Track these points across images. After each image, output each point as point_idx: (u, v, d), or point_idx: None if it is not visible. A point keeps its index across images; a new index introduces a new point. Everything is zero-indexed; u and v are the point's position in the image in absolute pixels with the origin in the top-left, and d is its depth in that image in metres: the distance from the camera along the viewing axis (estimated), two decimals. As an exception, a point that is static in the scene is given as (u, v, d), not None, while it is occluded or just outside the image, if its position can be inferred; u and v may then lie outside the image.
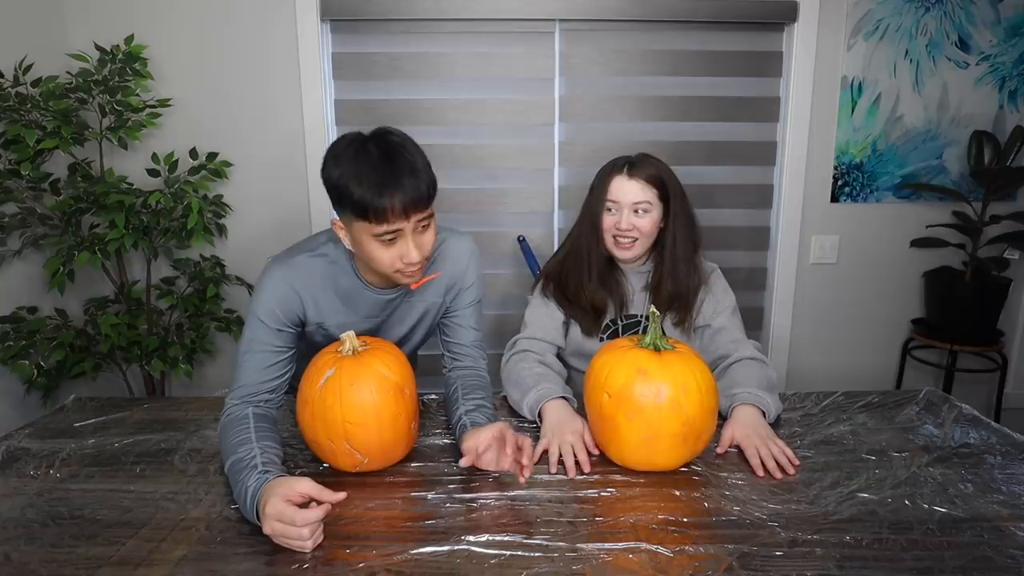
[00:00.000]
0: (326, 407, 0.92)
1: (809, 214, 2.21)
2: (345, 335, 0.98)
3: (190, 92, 2.02)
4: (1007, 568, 0.74)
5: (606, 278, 1.31)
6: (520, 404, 1.19)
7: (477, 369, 1.23)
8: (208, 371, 2.22)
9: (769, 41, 2.13)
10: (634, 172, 1.25)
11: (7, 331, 1.73)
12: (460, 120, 2.12)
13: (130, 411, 1.22)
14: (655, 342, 0.98)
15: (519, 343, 1.30)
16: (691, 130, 2.16)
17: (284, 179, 2.09)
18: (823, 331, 2.31)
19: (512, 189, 2.16)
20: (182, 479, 0.96)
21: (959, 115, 2.15)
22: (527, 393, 1.17)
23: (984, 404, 2.36)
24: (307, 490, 0.82)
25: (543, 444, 1.05)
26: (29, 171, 1.69)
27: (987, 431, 1.10)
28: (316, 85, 2.02)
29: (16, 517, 0.86)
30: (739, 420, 1.08)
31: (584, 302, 1.30)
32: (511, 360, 1.27)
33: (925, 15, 2.08)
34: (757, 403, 1.10)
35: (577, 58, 2.10)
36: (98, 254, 1.75)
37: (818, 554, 0.77)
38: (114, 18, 1.96)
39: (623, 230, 1.25)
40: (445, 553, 0.77)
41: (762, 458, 0.99)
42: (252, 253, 2.12)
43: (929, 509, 0.86)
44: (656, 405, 0.92)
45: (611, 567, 0.75)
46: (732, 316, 1.31)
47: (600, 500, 0.90)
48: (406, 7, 2.00)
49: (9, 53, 1.72)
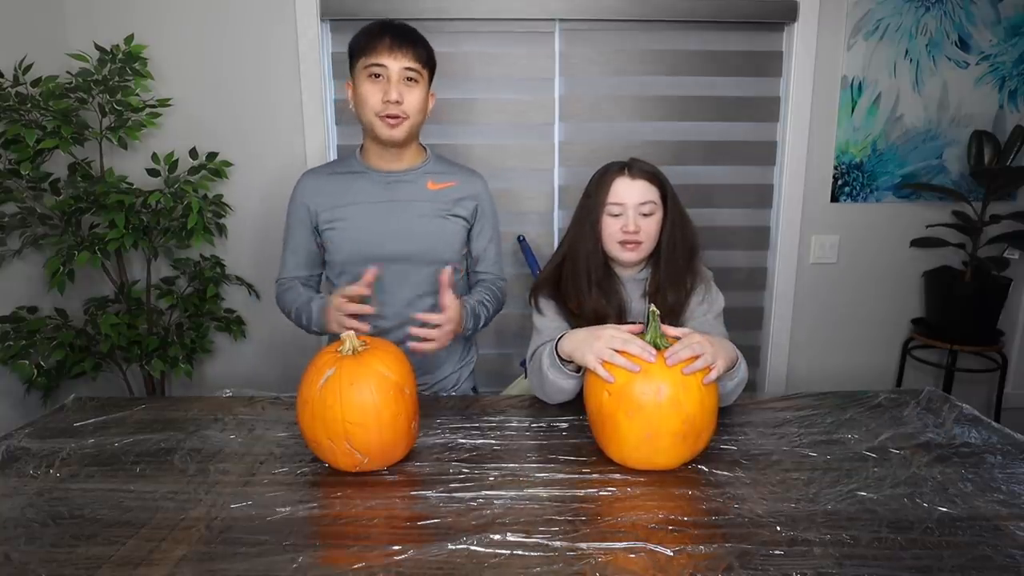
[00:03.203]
0: (326, 407, 0.92)
1: (809, 214, 2.21)
2: (345, 335, 0.98)
3: (190, 92, 2.02)
4: (1006, 567, 0.74)
5: (605, 285, 1.26)
6: (547, 372, 1.14)
7: (494, 279, 1.44)
8: (208, 371, 2.22)
9: (769, 41, 2.13)
10: (635, 173, 1.22)
11: (7, 331, 1.73)
12: (460, 120, 2.12)
13: (130, 411, 1.22)
14: (655, 341, 0.98)
15: (537, 351, 1.25)
16: (691, 130, 2.17)
17: (284, 179, 2.09)
18: (823, 331, 2.31)
19: (512, 189, 2.16)
20: (182, 479, 0.96)
21: (959, 115, 2.15)
22: (543, 359, 1.14)
23: (984, 404, 2.36)
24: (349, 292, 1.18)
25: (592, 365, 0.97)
26: (29, 171, 1.69)
27: (987, 431, 1.10)
28: (316, 85, 2.02)
29: (16, 517, 0.86)
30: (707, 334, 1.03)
31: (583, 309, 1.27)
32: (532, 366, 1.24)
33: (925, 15, 2.08)
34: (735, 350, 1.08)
35: (577, 58, 2.10)
36: (98, 254, 1.75)
37: (817, 553, 0.77)
38: (114, 18, 1.96)
39: (631, 232, 1.20)
40: (445, 553, 0.77)
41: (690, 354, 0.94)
42: (252, 253, 2.12)
43: (929, 508, 0.86)
44: (656, 403, 0.92)
45: (611, 567, 0.75)
46: (716, 320, 1.29)
47: (600, 500, 0.90)
48: (406, 7, 2.00)
49: (9, 53, 1.72)
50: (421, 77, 1.25)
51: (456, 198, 1.37)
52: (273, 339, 2.20)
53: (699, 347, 0.96)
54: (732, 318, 1.33)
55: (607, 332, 1.01)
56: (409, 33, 1.24)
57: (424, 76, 1.27)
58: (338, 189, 1.35)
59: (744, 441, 1.07)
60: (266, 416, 1.18)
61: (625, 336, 0.98)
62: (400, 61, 1.21)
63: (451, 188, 1.37)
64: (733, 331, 1.29)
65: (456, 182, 1.38)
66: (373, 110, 1.24)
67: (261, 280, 2.13)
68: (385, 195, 1.34)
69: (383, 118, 1.25)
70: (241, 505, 0.88)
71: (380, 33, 1.22)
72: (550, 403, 1.21)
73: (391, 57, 1.21)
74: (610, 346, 0.98)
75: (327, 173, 1.38)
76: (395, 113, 1.24)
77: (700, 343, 0.97)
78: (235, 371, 2.23)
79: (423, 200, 1.34)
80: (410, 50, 1.22)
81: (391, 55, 1.21)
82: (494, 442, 1.07)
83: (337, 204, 1.34)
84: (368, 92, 1.24)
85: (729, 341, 1.11)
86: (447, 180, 1.37)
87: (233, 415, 1.19)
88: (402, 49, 1.21)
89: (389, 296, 1.35)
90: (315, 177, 1.38)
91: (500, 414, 1.19)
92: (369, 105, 1.24)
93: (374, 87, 1.23)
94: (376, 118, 1.25)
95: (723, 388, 1.09)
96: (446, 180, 1.37)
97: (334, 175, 1.37)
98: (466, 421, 1.15)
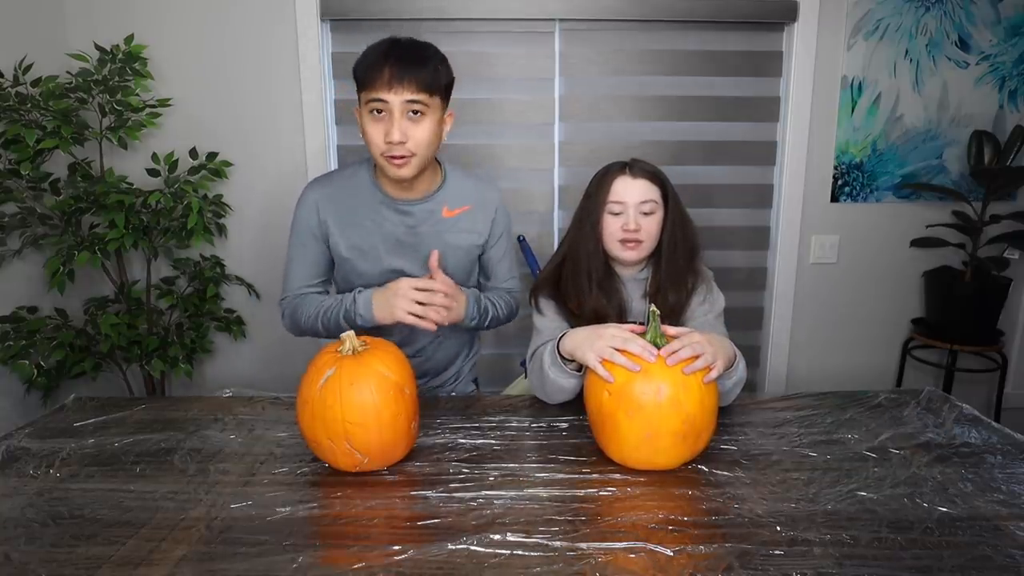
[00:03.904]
0: (326, 407, 0.92)
1: (809, 214, 2.21)
2: (345, 335, 0.98)
3: (190, 92, 2.02)
4: (1006, 567, 0.74)
5: (605, 285, 1.26)
6: (548, 371, 1.14)
7: (507, 291, 1.41)
8: (208, 371, 2.22)
9: (769, 41, 2.13)
10: (636, 172, 1.22)
11: (7, 331, 1.73)
12: (460, 120, 2.11)
13: (130, 411, 1.22)
14: (655, 341, 0.98)
15: (537, 350, 1.25)
16: (691, 130, 2.17)
17: (284, 179, 2.09)
18: (823, 331, 2.31)
19: (512, 189, 2.16)
20: (182, 479, 0.96)
21: (959, 115, 2.15)
22: (544, 357, 1.14)
23: (984, 404, 2.36)
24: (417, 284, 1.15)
25: (592, 364, 0.98)
26: (29, 171, 1.69)
27: (987, 431, 1.10)
28: (316, 85, 2.02)
29: (16, 517, 0.86)
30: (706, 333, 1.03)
31: (583, 309, 1.27)
32: (532, 366, 1.24)
33: (925, 15, 2.08)
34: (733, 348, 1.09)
35: (577, 58, 2.10)
36: (98, 254, 1.75)
37: (817, 553, 0.77)
38: (114, 18, 1.96)
39: (631, 231, 1.20)
40: (445, 553, 0.77)
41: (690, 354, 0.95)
42: (252, 253, 2.12)
43: (929, 508, 0.86)
44: (656, 403, 0.92)
45: (611, 567, 0.75)
46: (717, 320, 1.29)
47: (600, 500, 0.90)
48: (406, 7, 2.00)
49: (9, 53, 1.72)
50: (427, 107, 1.14)
51: (472, 221, 1.32)
52: (273, 339, 2.20)
53: (699, 346, 0.96)
54: (732, 318, 1.32)
55: (608, 331, 1.01)
56: (412, 59, 1.12)
57: (432, 104, 1.15)
58: (354, 212, 1.27)
59: (744, 441, 1.07)
60: (266, 416, 1.18)
61: (626, 335, 0.98)
62: (401, 95, 1.10)
63: (466, 212, 1.31)
64: (733, 331, 1.29)
65: (471, 205, 1.32)
66: (378, 150, 1.15)
67: (261, 280, 2.13)
68: (401, 225, 1.27)
69: (388, 158, 1.15)
70: (241, 505, 0.88)
71: (380, 64, 1.11)
72: (550, 403, 1.21)
73: (391, 92, 1.10)
74: (611, 345, 0.98)
75: (339, 189, 1.28)
76: (400, 153, 1.14)
77: (700, 343, 0.97)
78: (235, 371, 2.23)
79: (441, 231, 1.30)
80: (412, 81, 1.10)
81: (391, 90, 1.10)
82: (494, 442, 1.07)
83: (355, 232, 1.27)
84: (371, 131, 1.15)
85: (728, 340, 1.11)
86: (462, 205, 1.31)
87: (233, 415, 1.19)
88: (403, 82, 1.10)
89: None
90: (325, 192, 1.28)
91: (500, 414, 1.18)
92: (374, 144, 1.15)
93: (377, 126, 1.14)
94: (382, 158, 1.16)
95: (722, 387, 1.08)
96: (461, 205, 1.31)
97: (347, 192, 1.28)
98: (466, 421, 1.15)
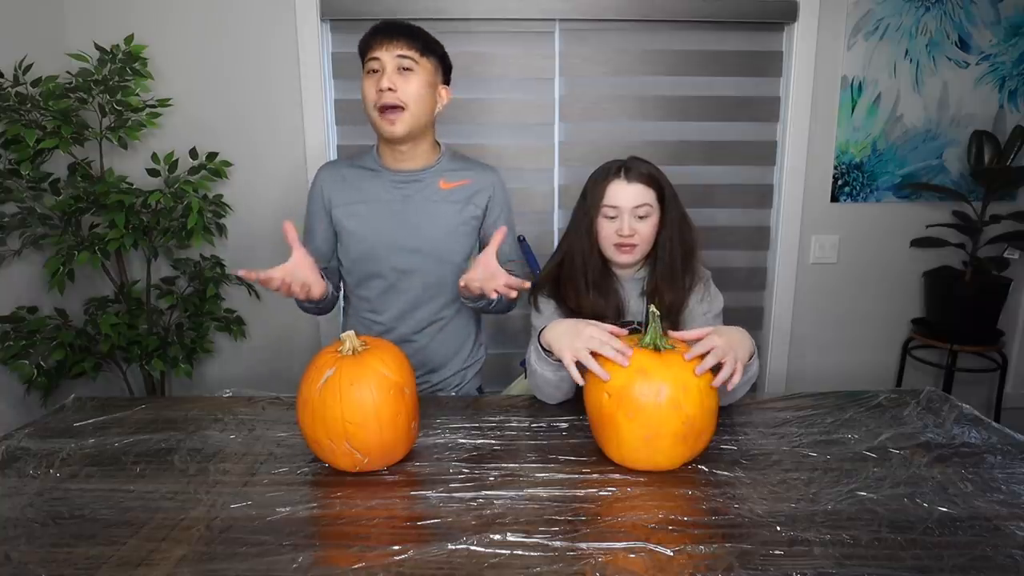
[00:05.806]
0: (326, 407, 0.92)
1: (809, 214, 2.21)
2: (345, 335, 0.98)
3: (190, 92, 2.02)
4: (1006, 567, 0.74)
5: (602, 285, 1.27)
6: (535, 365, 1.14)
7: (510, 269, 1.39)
8: (208, 371, 2.22)
9: (769, 41, 2.13)
10: (631, 176, 1.22)
11: (7, 331, 1.73)
12: (460, 120, 2.11)
13: (130, 411, 1.22)
14: (655, 342, 0.98)
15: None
16: (691, 130, 2.17)
17: (284, 179, 2.09)
18: (823, 331, 2.31)
19: (512, 189, 2.14)
20: (182, 479, 0.96)
21: (959, 115, 2.15)
22: (531, 352, 1.15)
23: (984, 404, 2.36)
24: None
25: (567, 362, 0.99)
26: (29, 171, 1.69)
27: (987, 431, 1.10)
28: (316, 85, 2.02)
29: (16, 517, 0.86)
30: (723, 329, 1.03)
31: (582, 309, 1.27)
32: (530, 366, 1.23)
33: (925, 15, 2.08)
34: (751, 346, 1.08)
35: (576, 58, 2.10)
36: (98, 254, 1.75)
37: (817, 553, 0.77)
38: (114, 18, 1.96)
39: (625, 236, 1.21)
40: (445, 553, 0.77)
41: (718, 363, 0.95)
42: (252, 253, 2.12)
43: (929, 508, 0.86)
44: (656, 404, 0.92)
45: (611, 567, 0.75)
46: (716, 320, 1.29)
47: (600, 500, 0.90)
48: (406, 7, 2.00)
49: (9, 53, 1.72)
50: (417, 64, 1.24)
51: (468, 195, 1.36)
52: (273, 339, 2.20)
53: (720, 351, 0.96)
54: (732, 318, 1.32)
55: (587, 331, 1.00)
56: (404, 25, 1.25)
57: (423, 64, 1.25)
58: (353, 184, 1.35)
59: (744, 441, 1.07)
60: (266, 416, 1.18)
61: (604, 337, 0.98)
62: (392, 50, 1.22)
63: (464, 186, 1.36)
64: (733, 331, 1.28)
65: (469, 180, 1.36)
66: (371, 104, 1.24)
67: (261, 280, 2.12)
68: (396, 195, 1.33)
69: (381, 113, 1.24)
70: (241, 505, 0.88)
71: (376, 29, 1.24)
72: (550, 403, 1.21)
73: (383, 49, 1.22)
74: (588, 347, 0.98)
75: (346, 165, 1.39)
76: (390, 103, 1.22)
77: (722, 348, 0.97)
78: (235, 371, 2.23)
79: (434, 200, 1.34)
80: (403, 38, 1.22)
81: (383, 47, 1.22)
82: (494, 442, 1.07)
83: (351, 200, 1.34)
84: (366, 88, 1.25)
85: (745, 332, 1.08)
86: (460, 178, 1.36)
87: (233, 415, 1.19)
88: (395, 39, 1.22)
89: (395, 296, 1.35)
90: (334, 168, 1.39)
91: (500, 414, 1.18)
92: (368, 100, 1.25)
93: (371, 82, 1.24)
94: (376, 114, 1.25)
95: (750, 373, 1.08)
96: (459, 178, 1.36)
97: (352, 168, 1.38)
98: (466, 421, 1.15)
